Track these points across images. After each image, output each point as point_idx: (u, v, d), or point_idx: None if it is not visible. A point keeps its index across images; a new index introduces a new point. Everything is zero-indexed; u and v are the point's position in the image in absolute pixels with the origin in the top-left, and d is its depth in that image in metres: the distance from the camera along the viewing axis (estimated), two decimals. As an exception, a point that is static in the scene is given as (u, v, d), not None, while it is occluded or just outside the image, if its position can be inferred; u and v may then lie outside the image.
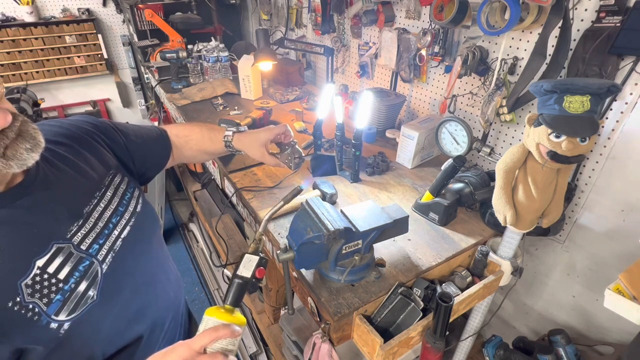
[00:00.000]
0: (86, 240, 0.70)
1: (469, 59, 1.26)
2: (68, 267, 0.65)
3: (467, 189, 1.09)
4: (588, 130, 0.73)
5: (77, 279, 0.66)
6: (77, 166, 0.74)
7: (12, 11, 2.95)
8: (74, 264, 0.66)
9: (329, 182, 1.20)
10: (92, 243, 0.70)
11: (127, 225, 0.78)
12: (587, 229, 1.17)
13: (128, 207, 0.80)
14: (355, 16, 1.80)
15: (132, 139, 0.92)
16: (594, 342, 1.21)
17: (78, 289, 0.66)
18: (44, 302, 0.61)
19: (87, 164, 0.76)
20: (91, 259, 0.69)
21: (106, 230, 0.73)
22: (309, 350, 0.96)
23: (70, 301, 0.64)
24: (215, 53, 2.24)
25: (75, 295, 0.65)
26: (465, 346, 1.26)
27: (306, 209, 0.86)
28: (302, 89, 2.15)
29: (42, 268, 0.62)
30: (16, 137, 0.58)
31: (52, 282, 0.63)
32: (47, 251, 0.63)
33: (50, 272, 0.63)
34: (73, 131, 0.79)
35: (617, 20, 0.93)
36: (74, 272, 0.66)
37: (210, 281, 2.55)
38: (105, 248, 0.72)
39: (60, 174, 0.71)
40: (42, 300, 0.61)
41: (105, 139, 0.85)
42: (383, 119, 1.60)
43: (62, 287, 0.64)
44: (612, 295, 0.79)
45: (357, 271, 0.88)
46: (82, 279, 0.66)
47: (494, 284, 0.99)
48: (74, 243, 0.67)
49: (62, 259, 0.65)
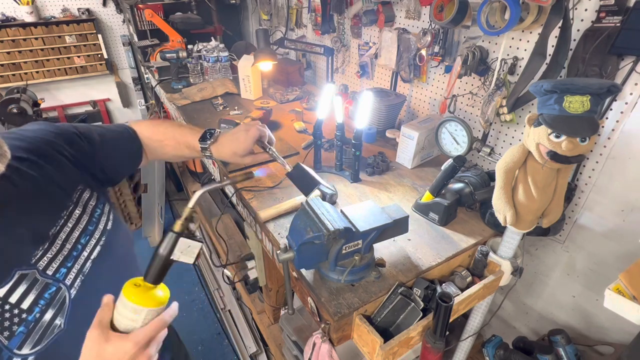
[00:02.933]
0: (53, 264, 0.64)
1: (469, 59, 1.26)
2: (32, 295, 0.60)
3: (467, 189, 1.09)
4: (588, 130, 0.73)
5: (43, 308, 0.61)
6: (41, 184, 0.68)
7: (12, 11, 2.95)
8: (39, 291, 0.61)
9: (329, 182, 1.20)
10: (60, 267, 0.65)
11: (97, 245, 0.72)
12: (587, 229, 1.17)
13: (98, 225, 0.74)
14: (355, 16, 1.80)
15: (97, 145, 0.84)
16: (594, 342, 1.21)
17: (43, 319, 0.61)
18: (5, 335, 0.56)
19: (52, 180, 0.70)
20: (58, 285, 0.64)
21: (74, 252, 0.68)
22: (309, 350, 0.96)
23: (35, 332, 0.59)
24: (215, 53, 2.24)
25: (41, 325, 0.60)
26: (465, 346, 1.26)
27: (306, 209, 0.86)
28: (302, 89, 2.15)
29: (3, 298, 0.57)
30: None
31: (15, 313, 0.58)
32: (9, 279, 0.58)
33: (12, 302, 0.58)
34: (35, 144, 0.71)
35: (617, 20, 0.93)
36: (38, 301, 0.61)
37: (210, 281, 2.55)
38: (73, 271, 0.67)
39: (23, 193, 0.64)
40: (2, 333, 0.56)
41: (69, 149, 0.76)
42: (383, 119, 1.60)
43: (26, 317, 0.59)
44: (612, 295, 0.78)
45: (357, 271, 0.88)
46: (48, 307, 0.62)
47: (494, 284, 0.99)
48: (39, 268, 0.62)
49: (25, 286, 0.59)
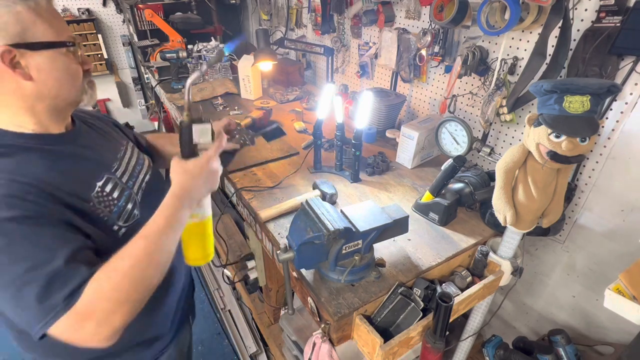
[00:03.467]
0: (124, 175, 0.88)
1: (469, 59, 1.26)
2: (117, 191, 0.82)
3: (467, 189, 1.09)
4: (588, 130, 0.73)
5: (126, 200, 0.84)
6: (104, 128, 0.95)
7: (12, 11, 2.95)
8: (120, 190, 0.83)
9: (329, 182, 1.20)
10: (129, 179, 0.88)
11: (147, 174, 0.97)
12: (587, 229, 1.17)
13: (144, 162, 0.99)
14: (355, 16, 1.80)
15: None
16: (594, 342, 1.21)
17: (127, 207, 0.83)
18: (107, 210, 0.78)
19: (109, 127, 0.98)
20: (130, 190, 0.87)
21: (135, 172, 0.92)
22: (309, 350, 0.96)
23: (123, 214, 0.82)
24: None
25: (126, 211, 0.83)
26: (465, 346, 1.26)
27: (306, 209, 0.86)
28: (302, 89, 2.15)
29: (101, 187, 0.79)
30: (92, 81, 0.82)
31: (109, 199, 0.80)
32: (101, 179, 0.80)
33: (107, 191, 0.80)
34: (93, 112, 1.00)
35: (617, 20, 0.93)
36: (122, 195, 0.83)
37: (210, 281, 2.55)
38: (137, 185, 0.90)
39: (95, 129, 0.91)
40: (106, 209, 0.78)
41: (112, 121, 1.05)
42: (383, 119, 1.60)
43: (117, 203, 0.81)
44: (612, 295, 0.78)
45: (357, 271, 0.88)
46: (128, 201, 0.84)
47: (494, 284, 0.99)
48: (117, 176, 0.85)
49: (112, 185, 0.82)
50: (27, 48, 0.67)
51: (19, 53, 0.67)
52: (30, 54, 0.68)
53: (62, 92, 0.74)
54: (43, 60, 0.70)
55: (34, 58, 0.69)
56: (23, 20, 0.66)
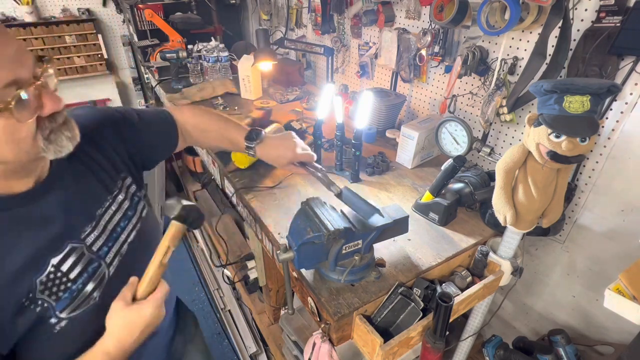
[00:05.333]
0: (97, 242, 0.71)
1: (469, 59, 1.26)
2: (79, 267, 0.67)
3: (467, 189, 1.09)
4: (588, 130, 0.73)
5: (85, 280, 0.67)
6: (91, 166, 0.75)
7: (12, 11, 2.95)
8: (85, 264, 0.68)
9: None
10: (102, 245, 0.72)
11: (134, 230, 0.79)
12: (587, 229, 1.17)
13: (136, 212, 0.81)
14: (355, 16, 1.80)
15: (136, 125, 0.89)
16: (594, 342, 1.21)
17: (85, 290, 0.67)
18: (52, 298, 0.63)
19: (100, 164, 0.77)
20: (100, 261, 0.70)
21: (114, 233, 0.75)
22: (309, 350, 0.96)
23: (76, 300, 0.66)
24: (215, 53, 2.24)
25: (82, 295, 0.67)
26: (465, 346, 1.26)
27: (306, 209, 0.86)
28: (302, 89, 2.15)
29: (57, 266, 0.64)
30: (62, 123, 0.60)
31: (63, 281, 0.64)
32: (62, 250, 0.65)
33: (63, 270, 0.64)
34: (88, 127, 0.75)
35: (617, 20, 0.93)
36: (83, 273, 0.67)
37: (210, 281, 2.55)
38: (113, 251, 0.73)
39: (78, 173, 0.72)
40: (51, 297, 0.62)
41: (113, 135, 0.83)
42: (383, 119, 1.60)
43: (71, 286, 0.65)
44: (612, 295, 0.78)
45: (357, 271, 0.88)
46: (90, 279, 0.68)
47: (494, 284, 0.99)
48: (87, 244, 0.69)
49: (74, 258, 0.66)
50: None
51: None
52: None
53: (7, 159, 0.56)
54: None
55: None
56: None
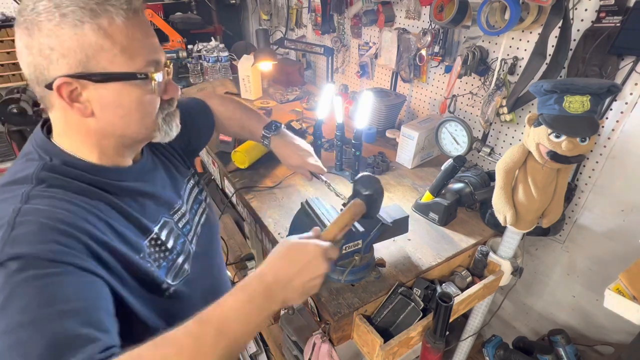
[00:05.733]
0: (182, 220, 0.76)
1: (469, 59, 1.26)
2: (172, 239, 0.72)
3: (467, 189, 1.09)
4: (588, 130, 0.73)
5: (178, 252, 0.72)
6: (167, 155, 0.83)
7: (12, 11, 2.95)
8: (175, 238, 0.72)
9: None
10: (186, 224, 0.77)
11: (204, 213, 0.87)
12: (587, 229, 1.17)
13: (203, 197, 0.90)
14: (355, 16, 1.80)
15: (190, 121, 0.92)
16: (594, 342, 1.21)
17: (178, 261, 0.71)
18: (156, 265, 0.66)
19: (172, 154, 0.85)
20: (184, 238, 0.75)
21: (192, 214, 0.81)
22: (309, 350, 0.96)
23: (172, 270, 0.69)
24: (215, 53, 2.24)
25: (177, 266, 0.71)
26: (465, 346, 1.26)
27: (306, 209, 0.86)
28: (302, 89, 2.15)
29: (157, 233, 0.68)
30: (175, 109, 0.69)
31: (162, 249, 0.68)
32: (158, 222, 0.70)
33: (162, 239, 0.69)
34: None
35: (617, 20, 0.93)
36: (176, 245, 0.72)
37: (210, 281, 2.55)
38: (192, 231, 0.79)
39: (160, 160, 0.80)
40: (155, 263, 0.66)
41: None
42: (383, 119, 1.60)
43: (168, 256, 0.69)
44: (612, 295, 0.78)
45: (357, 271, 0.88)
46: (180, 253, 0.73)
47: (494, 284, 0.99)
48: (174, 220, 0.74)
49: (167, 231, 0.71)
50: (89, 79, 0.56)
51: (80, 85, 0.56)
52: (93, 87, 0.57)
53: (128, 131, 0.63)
54: (108, 94, 0.58)
55: (97, 91, 0.57)
56: (89, 44, 0.54)
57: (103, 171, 0.64)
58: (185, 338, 0.47)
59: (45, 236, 0.51)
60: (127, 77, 0.58)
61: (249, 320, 0.52)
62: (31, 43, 0.54)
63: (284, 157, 1.06)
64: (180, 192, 0.80)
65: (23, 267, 0.47)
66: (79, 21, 0.53)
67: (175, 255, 0.71)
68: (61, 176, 0.59)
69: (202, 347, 0.47)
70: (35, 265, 0.48)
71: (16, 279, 0.46)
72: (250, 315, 0.52)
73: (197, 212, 0.84)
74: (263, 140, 1.06)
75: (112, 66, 0.57)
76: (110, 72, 0.57)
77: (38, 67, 0.56)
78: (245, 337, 0.52)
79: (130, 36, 0.57)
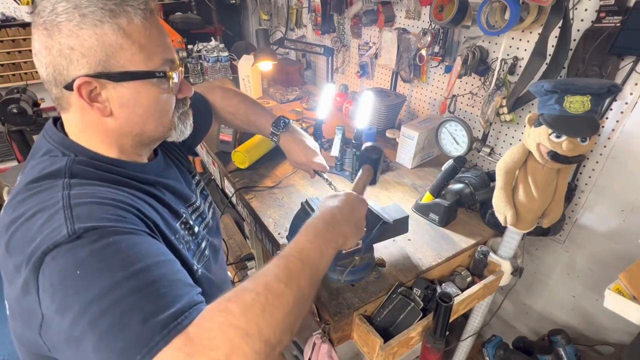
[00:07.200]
0: (194, 213, 0.80)
1: (469, 59, 1.26)
2: (196, 225, 0.76)
3: (467, 189, 1.09)
4: (588, 130, 0.73)
5: (202, 237, 0.77)
6: (175, 154, 0.87)
7: (12, 11, 2.95)
8: (198, 224, 0.77)
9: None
10: (197, 217, 0.81)
11: (211, 207, 0.92)
12: (587, 229, 1.17)
13: (207, 193, 0.95)
14: (355, 16, 1.80)
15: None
16: (594, 342, 1.21)
17: (201, 245, 0.76)
18: (186, 247, 0.68)
19: (179, 153, 0.89)
20: (199, 228, 0.78)
21: (201, 207, 0.85)
22: (309, 350, 0.96)
23: (197, 253, 0.73)
24: (215, 53, 2.24)
25: (200, 250, 0.75)
26: (465, 346, 1.26)
27: (306, 209, 0.86)
28: (302, 89, 2.15)
29: (186, 218, 0.72)
30: (189, 109, 0.72)
31: (190, 232, 0.72)
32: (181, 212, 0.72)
33: (191, 222, 0.73)
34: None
35: (617, 20, 0.93)
36: (200, 230, 0.77)
37: (210, 281, 2.55)
38: (203, 223, 0.83)
39: (170, 159, 0.83)
40: (185, 245, 0.69)
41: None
42: (383, 119, 1.60)
43: (194, 239, 0.73)
44: (612, 295, 0.78)
45: (357, 271, 0.88)
46: (203, 239, 0.78)
47: (494, 284, 0.99)
48: (188, 212, 0.77)
49: (193, 217, 0.76)
50: (108, 78, 0.57)
51: (99, 84, 0.57)
52: (112, 86, 0.58)
53: (146, 129, 0.65)
54: (126, 93, 0.59)
55: (116, 90, 0.59)
56: (109, 44, 0.56)
57: (128, 165, 0.66)
58: (277, 269, 0.53)
59: (108, 211, 0.53)
60: (146, 75, 0.60)
61: (322, 250, 0.59)
62: (51, 44, 0.55)
63: (290, 153, 1.06)
64: (192, 188, 0.84)
65: (102, 235, 0.49)
66: (99, 21, 0.54)
67: (200, 240, 0.75)
68: (93, 169, 0.60)
69: (292, 273, 0.53)
70: (112, 232, 0.50)
71: (100, 244, 0.48)
72: (321, 246, 0.60)
73: (206, 206, 0.89)
74: (272, 137, 1.06)
75: (131, 65, 0.58)
76: (130, 71, 0.58)
77: (57, 68, 0.56)
78: (322, 266, 0.59)
79: (148, 35, 0.59)
